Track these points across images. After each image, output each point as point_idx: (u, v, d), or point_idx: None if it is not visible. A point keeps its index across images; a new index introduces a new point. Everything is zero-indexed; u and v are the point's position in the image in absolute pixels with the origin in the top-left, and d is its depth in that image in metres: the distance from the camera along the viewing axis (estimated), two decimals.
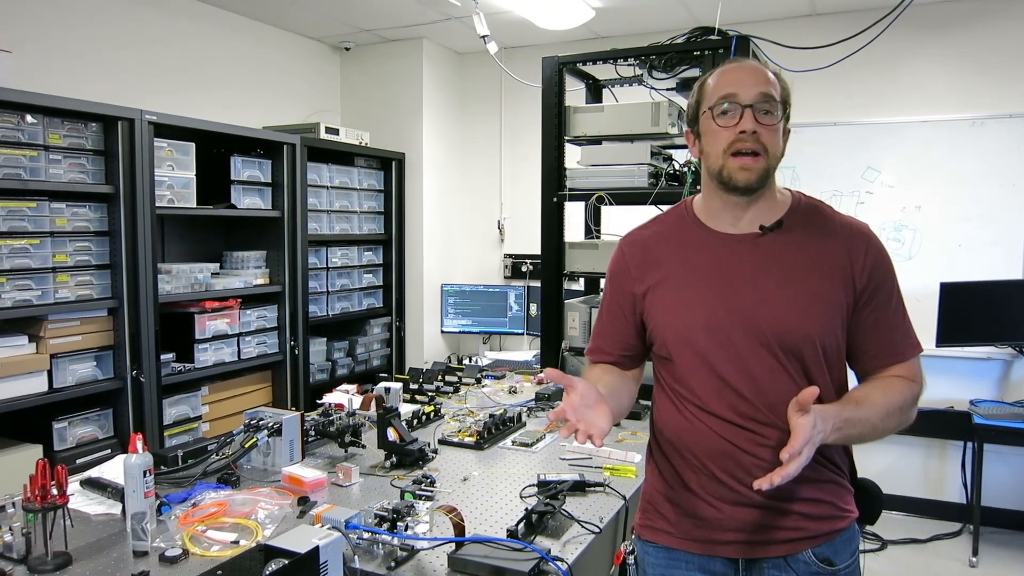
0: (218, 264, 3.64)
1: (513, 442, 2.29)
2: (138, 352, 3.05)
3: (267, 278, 3.80)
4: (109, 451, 2.98)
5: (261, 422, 2.05)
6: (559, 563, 1.41)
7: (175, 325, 3.36)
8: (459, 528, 1.47)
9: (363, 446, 2.20)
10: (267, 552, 1.23)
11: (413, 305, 4.85)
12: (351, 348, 4.49)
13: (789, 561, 1.36)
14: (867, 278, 1.36)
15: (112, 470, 1.91)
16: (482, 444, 2.25)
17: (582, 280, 3.58)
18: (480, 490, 1.89)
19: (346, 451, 2.18)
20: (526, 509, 1.59)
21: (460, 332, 4.94)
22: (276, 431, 2.03)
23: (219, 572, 1.40)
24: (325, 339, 4.30)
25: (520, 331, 4.82)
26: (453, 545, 1.47)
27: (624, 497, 1.81)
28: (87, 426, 2.97)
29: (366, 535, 1.48)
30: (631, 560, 1.55)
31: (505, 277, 5.10)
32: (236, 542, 1.56)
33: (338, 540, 1.26)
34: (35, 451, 2.77)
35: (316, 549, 1.18)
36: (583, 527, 1.63)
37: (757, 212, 1.41)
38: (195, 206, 3.35)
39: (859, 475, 1.48)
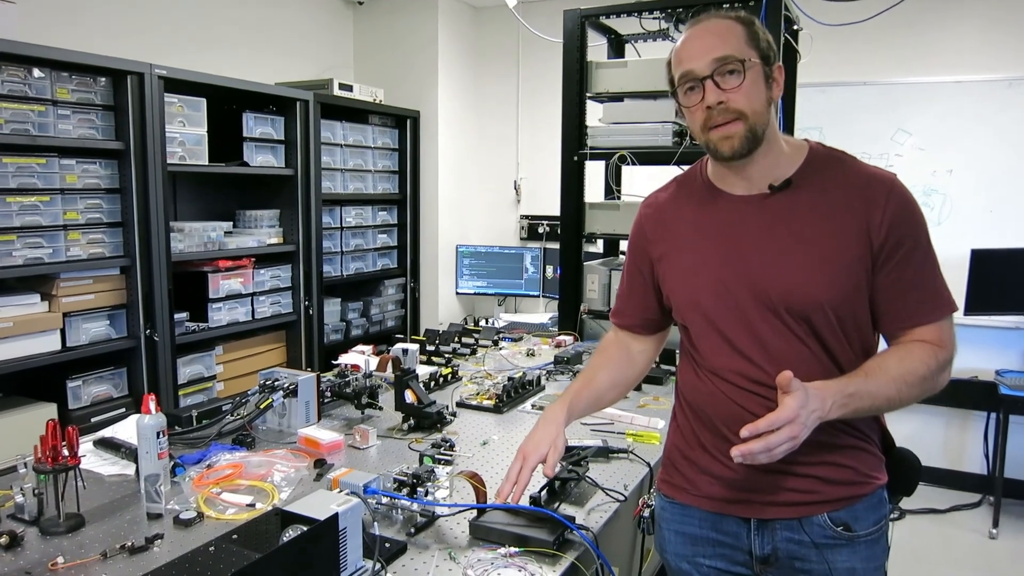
0: (231, 223, 3.58)
1: (533, 406, 2.25)
2: (151, 311, 3.01)
3: (281, 237, 3.75)
4: (124, 410, 2.96)
5: (276, 383, 2.01)
6: (584, 532, 1.36)
7: (188, 284, 3.32)
8: (481, 494, 1.42)
9: (380, 408, 2.16)
10: (283, 518, 1.19)
11: (428, 266, 4.79)
12: (365, 309, 4.45)
13: (803, 523, 1.33)
14: (885, 233, 1.25)
15: (126, 430, 1.88)
16: (501, 407, 2.20)
17: (601, 242, 3.50)
18: (500, 455, 1.85)
19: (363, 413, 2.14)
20: (547, 479, 1.54)
21: (475, 294, 4.89)
22: (292, 392, 1.99)
23: (235, 536, 1.37)
24: (339, 299, 4.26)
25: (536, 293, 4.76)
26: (475, 512, 1.43)
27: (648, 464, 1.76)
28: (101, 385, 2.95)
29: (385, 500, 1.44)
30: (646, 513, 1.54)
31: (521, 238, 5.03)
32: (252, 505, 1.52)
33: (357, 506, 1.21)
34: (49, 410, 2.75)
35: (335, 516, 1.14)
36: (608, 495, 1.58)
37: (765, 169, 1.33)
38: (207, 163, 3.28)
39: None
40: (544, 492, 1.50)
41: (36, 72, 2.62)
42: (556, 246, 3.71)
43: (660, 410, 2.20)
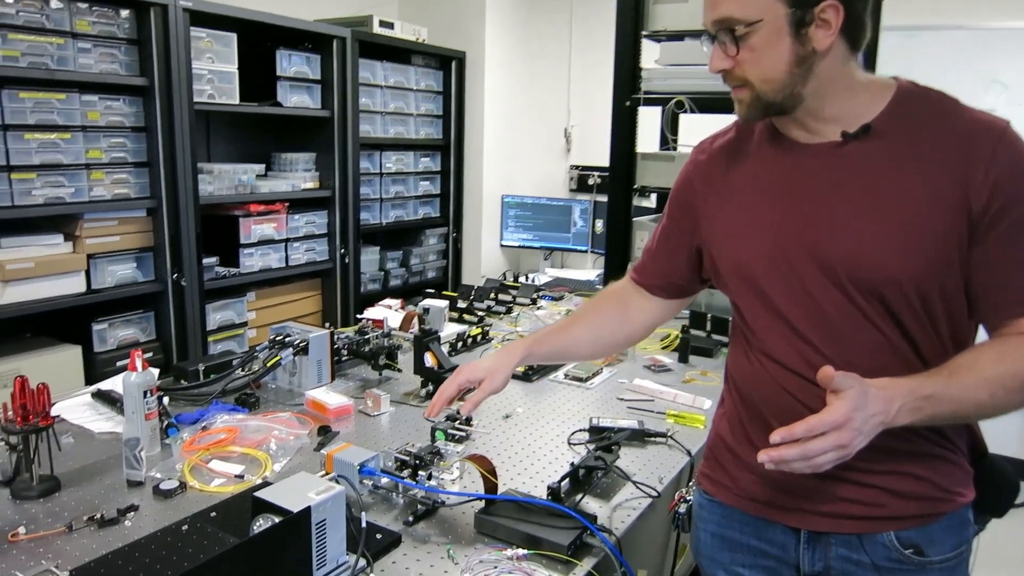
0: (264, 166, 3.44)
1: (566, 375, 2.05)
2: (179, 255, 2.91)
3: (316, 182, 3.59)
4: (150, 355, 2.89)
5: (287, 339, 1.87)
6: (606, 535, 1.17)
7: (219, 228, 3.20)
8: (490, 484, 1.24)
9: (399, 370, 2.00)
10: (255, 504, 1.03)
11: (471, 216, 4.60)
12: (405, 259, 4.30)
13: (864, 541, 1.11)
14: (988, 195, 0.99)
15: None
16: (530, 375, 2.02)
17: (654, 196, 3.24)
18: (523, 431, 1.67)
19: (380, 374, 1.99)
20: (571, 464, 1.35)
21: (520, 246, 4.69)
22: (302, 349, 1.84)
23: (213, 514, 1.23)
24: (378, 248, 4.11)
25: (584, 248, 4.53)
26: (484, 501, 1.26)
27: (689, 452, 1.56)
28: (128, 329, 2.87)
29: (384, 481, 1.28)
30: (682, 509, 1.35)
31: (570, 190, 4.78)
32: (241, 476, 1.38)
33: (339, 495, 1.05)
34: (75, 352, 2.70)
35: (307, 511, 0.98)
36: (639, 489, 1.38)
37: (839, 112, 1.07)
38: (237, 103, 3.12)
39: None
40: (565, 482, 1.31)
41: (53, 2, 2.47)
42: (606, 199, 3.47)
43: (708, 387, 1.98)
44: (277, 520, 1.00)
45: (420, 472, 1.28)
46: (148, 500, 1.30)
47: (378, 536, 1.17)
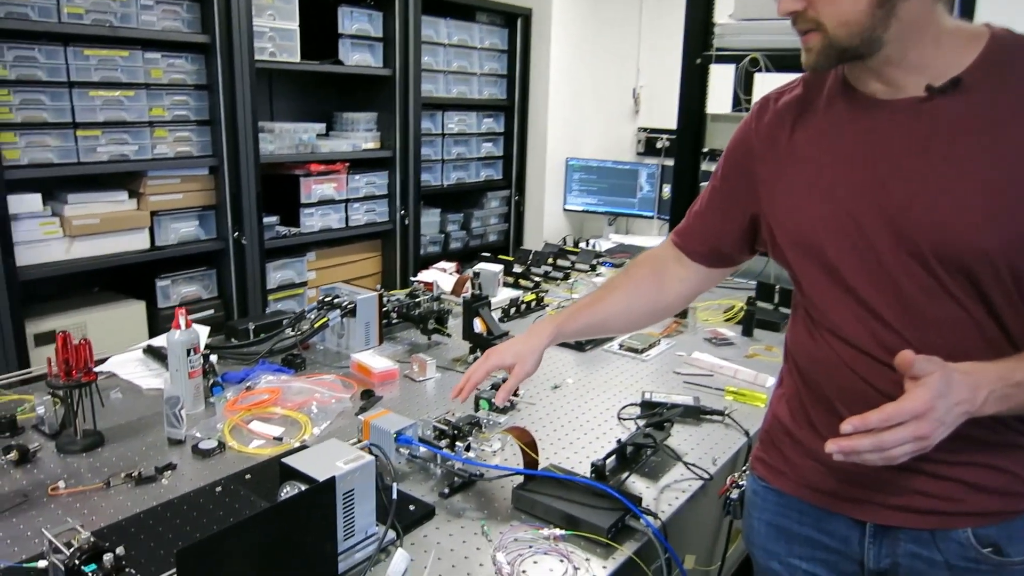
0: (325, 125, 3.42)
1: (621, 345, 1.97)
2: (239, 213, 2.92)
3: (377, 142, 3.56)
4: (212, 311, 2.94)
5: (336, 300, 1.84)
6: (650, 519, 1.10)
7: (279, 188, 3.21)
8: (530, 459, 1.18)
9: (448, 335, 1.95)
10: (282, 471, 1.00)
11: (534, 179, 4.50)
12: (466, 221, 4.25)
13: (937, 538, 1.01)
14: None
15: None
16: (583, 345, 1.94)
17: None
18: (572, 403, 1.60)
19: (429, 339, 1.95)
20: (618, 441, 1.28)
21: (584, 211, 4.57)
22: (350, 311, 1.81)
23: (248, 476, 1.21)
24: (439, 210, 4.07)
25: (650, 214, 4.39)
26: (523, 476, 1.20)
27: (747, 433, 1.46)
28: (191, 285, 2.92)
29: (421, 451, 1.23)
30: (734, 495, 1.26)
31: (638, 153, 4.62)
32: (279, 439, 1.36)
33: (368, 465, 1.01)
34: (139, 307, 2.76)
35: (332, 481, 0.94)
36: (690, 470, 1.30)
37: (922, 63, 0.93)
38: (298, 60, 3.09)
39: None
40: (610, 460, 1.24)
41: None
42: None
43: (773, 364, 1.87)
44: (303, 488, 0.97)
45: (458, 443, 1.23)
46: (187, 459, 1.29)
47: (411, 507, 1.13)
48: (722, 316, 2.25)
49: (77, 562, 0.86)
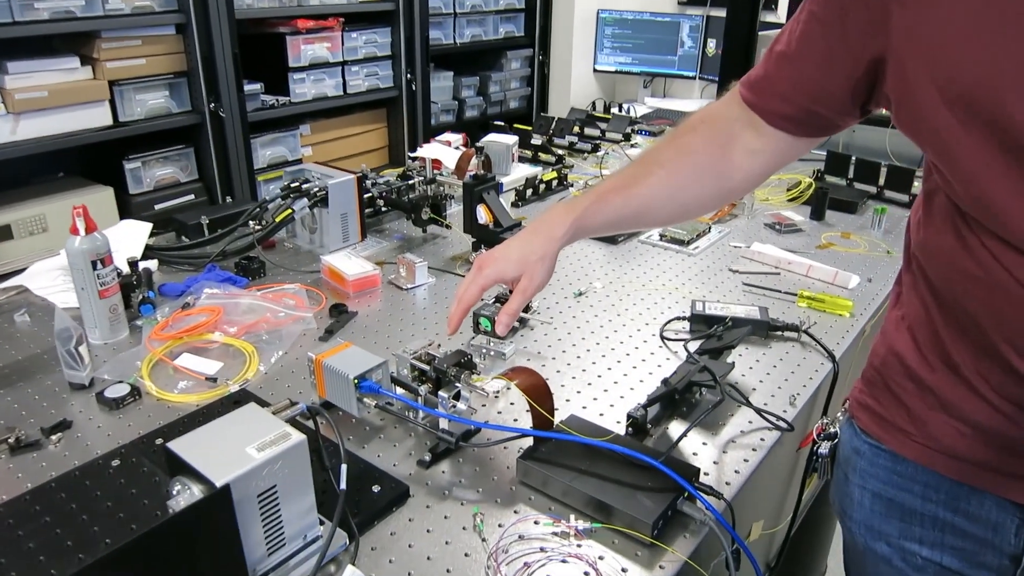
0: None
1: (662, 235, 1.59)
2: (214, 81, 2.51)
3: None
4: (192, 196, 2.60)
5: (305, 185, 1.47)
6: (712, 500, 0.77)
7: (262, 49, 2.76)
8: (540, 418, 0.84)
9: (447, 226, 1.59)
10: (169, 461, 0.67)
11: (561, 35, 3.96)
12: (483, 85, 3.77)
13: None
14: None
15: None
16: (615, 236, 1.57)
17: (782, 5, 2.55)
18: (600, 317, 1.24)
19: (424, 231, 1.59)
20: (664, 382, 0.93)
21: (616, 72, 4.04)
22: (321, 200, 1.45)
23: (159, 441, 0.90)
24: (451, 73, 3.59)
25: (691, 73, 3.86)
26: (532, 439, 0.87)
27: (833, 357, 1.10)
28: (166, 167, 2.56)
29: (395, 405, 0.90)
30: (823, 448, 0.91)
31: (679, 3, 4.03)
32: (213, 380, 1.04)
33: (295, 449, 0.68)
34: (107, 194, 2.42)
35: (225, 491, 0.61)
36: (763, 418, 0.95)
37: None
38: None
39: None
40: (653, 409, 0.90)
41: None
42: (722, 13, 2.80)
43: (852, 256, 1.48)
44: (193, 490, 0.64)
45: (442, 392, 0.89)
46: (92, 410, 0.98)
47: (375, 489, 0.81)
48: (784, 195, 1.84)
49: None
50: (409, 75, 3.24)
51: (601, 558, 0.73)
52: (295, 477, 0.69)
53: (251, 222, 1.45)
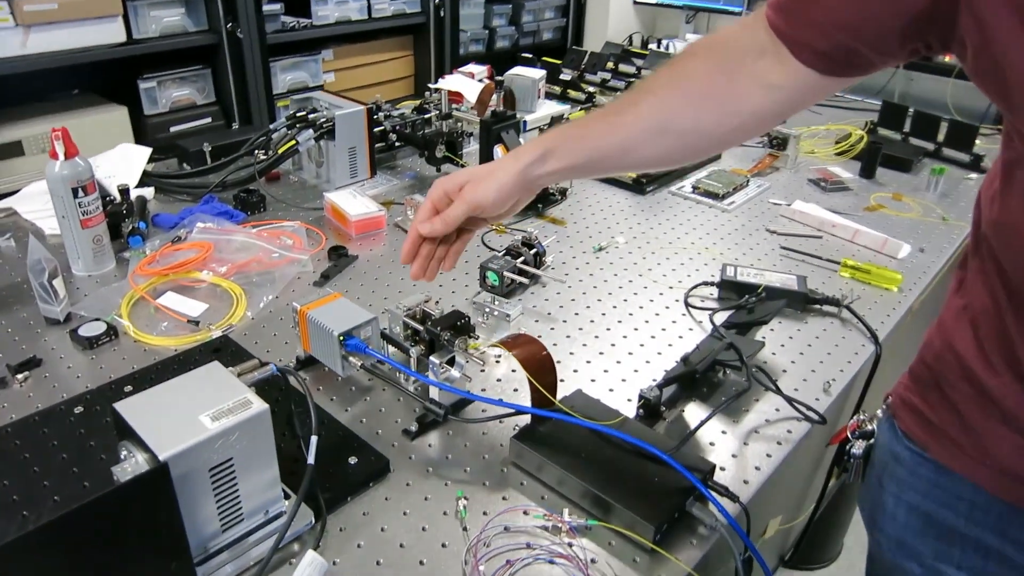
0: None
1: (695, 187, 1.47)
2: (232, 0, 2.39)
3: None
4: (209, 120, 2.50)
5: (311, 115, 1.37)
6: (725, 502, 0.68)
7: None
8: (538, 394, 0.75)
9: (462, 165, 1.48)
10: (118, 424, 0.60)
11: None
12: (515, 14, 3.58)
13: None
14: None
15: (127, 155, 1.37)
16: (644, 185, 1.45)
17: None
18: (619, 277, 1.14)
19: (438, 170, 1.48)
20: (681, 360, 0.83)
21: (657, 4, 3.81)
22: (328, 132, 1.34)
23: (128, 388, 0.83)
24: (482, 0, 3.40)
25: (738, 8, 3.62)
26: (528, 416, 0.78)
27: (876, 338, 0.99)
28: (182, 88, 2.46)
29: (384, 367, 0.82)
30: (857, 449, 0.81)
31: None
32: (196, 323, 0.96)
33: (257, 419, 0.60)
34: (120, 113, 2.33)
35: (163, 469, 0.53)
36: (793, 407, 0.85)
37: None
38: None
39: None
40: (669, 389, 0.80)
41: None
42: None
43: (905, 221, 1.35)
44: (138, 458, 0.57)
45: (434, 358, 0.80)
46: (65, 348, 0.91)
47: (351, 461, 0.73)
48: (832, 148, 1.69)
49: None
50: (437, 1, 3.07)
51: (593, 561, 0.65)
52: (255, 449, 0.62)
53: (258, 151, 1.36)
